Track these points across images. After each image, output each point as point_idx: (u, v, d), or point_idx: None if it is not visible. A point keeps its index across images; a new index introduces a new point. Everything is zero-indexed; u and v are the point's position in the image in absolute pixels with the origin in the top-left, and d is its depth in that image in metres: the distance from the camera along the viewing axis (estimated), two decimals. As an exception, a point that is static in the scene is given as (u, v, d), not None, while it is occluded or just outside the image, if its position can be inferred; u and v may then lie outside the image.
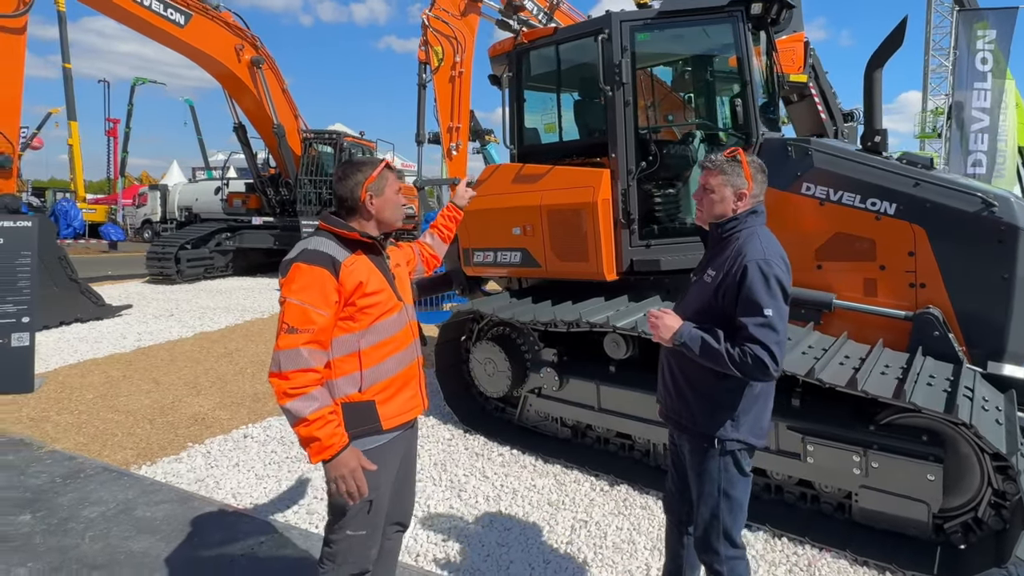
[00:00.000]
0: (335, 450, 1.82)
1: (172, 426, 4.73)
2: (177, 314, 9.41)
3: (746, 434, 2.02)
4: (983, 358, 3.36)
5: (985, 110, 11.32)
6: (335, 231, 1.99)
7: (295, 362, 1.80)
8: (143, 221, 25.44)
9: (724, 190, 2.06)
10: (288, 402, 1.80)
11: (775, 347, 1.84)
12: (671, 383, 2.16)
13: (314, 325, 1.83)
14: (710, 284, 2.03)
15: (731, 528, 2.06)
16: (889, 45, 3.82)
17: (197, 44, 11.36)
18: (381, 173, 2.06)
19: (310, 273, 1.87)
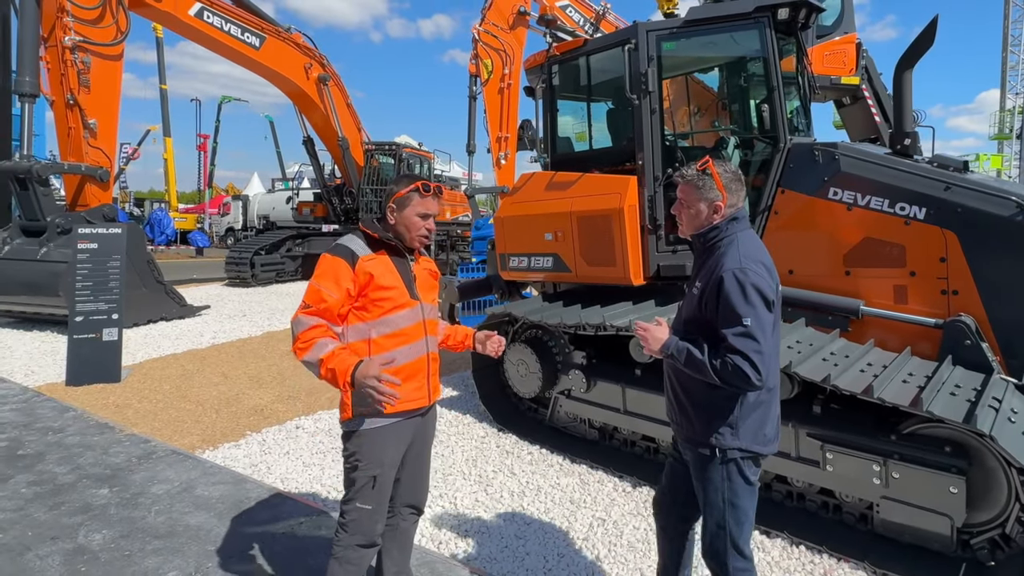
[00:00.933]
0: (351, 368, 1.97)
1: (235, 416, 5.08)
2: (249, 314, 10.01)
3: (748, 442, 1.97)
4: (1020, 369, 3.16)
5: (1061, 106, 10.40)
6: (364, 231, 2.25)
7: (301, 325, 2.05)
8: (227, 229, 27.12)
9: (699, 204, 2.05)
10: (304, 355, 2.03)
11: (755, 356, 1.80)
12: (672, 395, 2.15)
13: (323, 303, 2.07)
14: (696, 295, 2.02)
15: (738, 538, 2.01)
16: (920, 45, 3.64)
17: (271, 64, 12.06)
18: (407, 193, 2.22)
19: (331, 262, 2.14)
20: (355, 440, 2.19)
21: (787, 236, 3.96)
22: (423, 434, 2.39)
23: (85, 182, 8.97)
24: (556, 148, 5.11)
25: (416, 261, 2.33)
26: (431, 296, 2.37)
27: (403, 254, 2.25)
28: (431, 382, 2.32)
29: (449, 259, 14.95)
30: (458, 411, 5.17)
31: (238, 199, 26.19)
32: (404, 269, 2.24)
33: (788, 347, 3.30)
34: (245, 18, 11.36)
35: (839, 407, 3.19)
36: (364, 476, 2.17)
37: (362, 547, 2.21)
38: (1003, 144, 22.35)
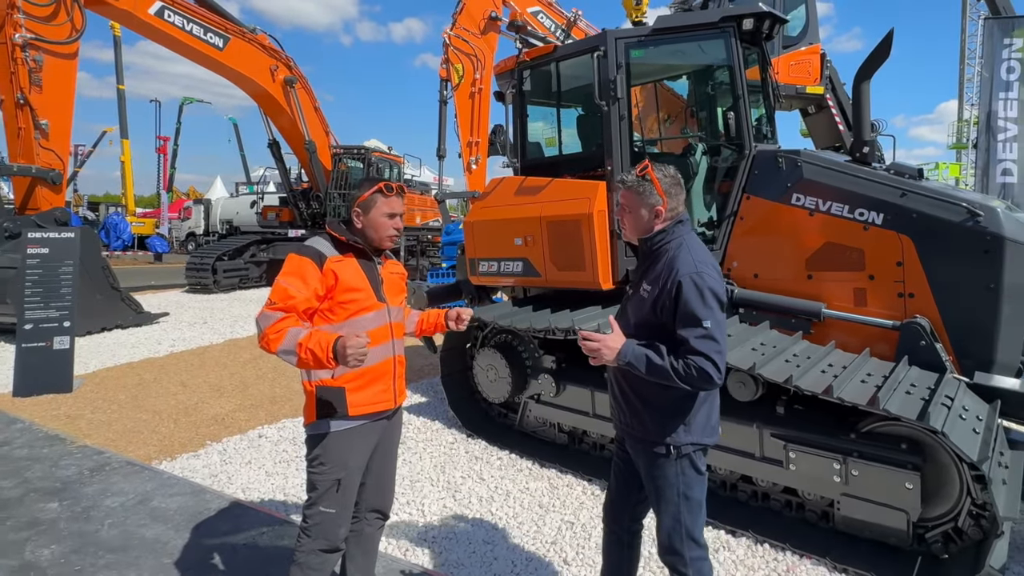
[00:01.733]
0: (331, 344, 1.95)
1: (194, 425, 4.97)
2: (211, 322, 9.80)
3: (699, 436, 2.06)
4: (972, 368, 3.32)
5: (1012, 120, 10.95)
6: (331, 233, 2.26)
7: (269, 319, 2.03)
8: (188, 234, 26.51)
9: (640, 209, 2.10)
10: (278, 345, 2.00)
11: (716, 356, 1.88)
12: (621, 398, 2.18)
13: (290, 300, 2.06)
14: (647, 299, 2.05)
15: (693, 528, 2.08)
16: (877, 57, 3.81)
17: (235, 66, 11.88)
18: (371, 195, 2.25)
19: (298, 262, 2.15)
20: (319, 443, 2.18)
21: (752, 241, 4.09)
22: (389, 438, 2.40)
23: (36, 184, 8.68)
24: (526, 153, 5.17)
25: (383, 264, 2.35)
26: (398, 299, 2.40)
27: (370, 257, 2.27)
28: (397, 385, 2.33)
29: (419, 264, 14.90)
30: (427, 417, 5.16)
31: (200, 203, 25.63)
32: (371, 272, 2.26)
33: (752, 349, 3.41)
34: (208, 18, 11.19)
35: (802, 407, 3.31)
36: (328, 479, 2.17)
37: (325, 552, 2.20)
38: (961, 153, 23.39)
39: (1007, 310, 3.24)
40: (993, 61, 11.20)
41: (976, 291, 3.29)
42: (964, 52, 25.01)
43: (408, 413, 5.26)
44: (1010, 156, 10.72)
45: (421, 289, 5.92)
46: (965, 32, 24.61)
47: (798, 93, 9.33)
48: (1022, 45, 11.23)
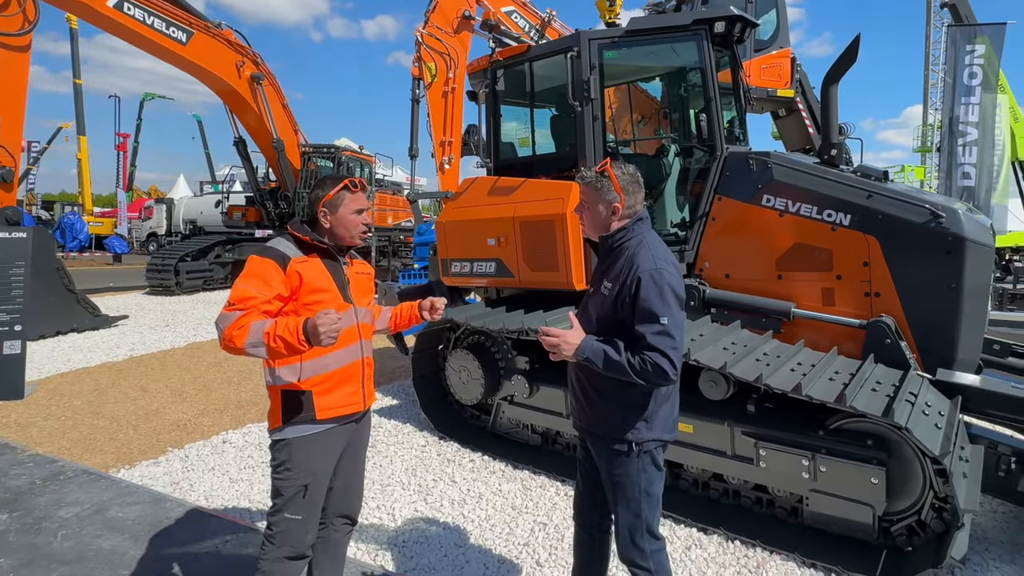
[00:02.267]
0: (300, 325, 1.92)
1: (155, 431, 4.84)
2: (172, 325, 9.57)
3: (660, 432, 2.09)
4: (935, 365, 3.44)
5: (974, 124, 11.41)
6: (295, 234, 2.21)
7: (228, 319, 1.97)
8: (149, 234, 25.84)
9: (598, 206, 2.13)
10: (244, 340, 1.93)
11: (672, 353, 1.91)
12: (582, 396, 2.20)
13: (250, 301, 2.01)
14: (608, 296, 2.08)
15: (652, 522, 2.12)
16: (844, 61, 3.93)
17: (199, 61, 11.63)
18: (337, 193, 2.21)
19: (259, 263, 2.10)
20: (285, 449, 2.15)
21: (724, 241, 4.17)
22: (357, 441, 2.37)
23: (-15, 182, 8.36)
24: (499, 153, 5.19)
25: (350, 265, 2.32)
26: (366, 300, 2.37)
27: (335, 257, 2.24)
28: (366, 387, 2.31)
29: (391, 265, 14.80)
30: (398, 420, 5.13)
31: (161, 202, 25.01)
32: (337, 272, 2.23)
33: (724, 348, 3.48)
34: (170, 11, 10.93)
35: (772, 406, 3.38)
36: (294, 485, 2.13)
37: (290, 559, 2.17)
38: (925, 156, 24.24)
39: (967, 309, 3.37)
40: (956, 67, 11.66)
41: (938, 290, 3.42)
42: (929, 58, 25.92)
43: (379, 416, 5.22)
44: (970, 160, 11.16)
45: (392, 290, 5.89)
46: (929, 39, 25.52)
47: (769, 96, 9.55)
48: (983, 52, 11.72)
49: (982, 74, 11.39)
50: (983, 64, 11.44)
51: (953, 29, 12.45)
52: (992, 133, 11.40)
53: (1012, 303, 10.73)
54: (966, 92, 11.43)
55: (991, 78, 11.51)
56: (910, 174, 21.21)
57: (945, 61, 12.29)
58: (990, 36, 11.97)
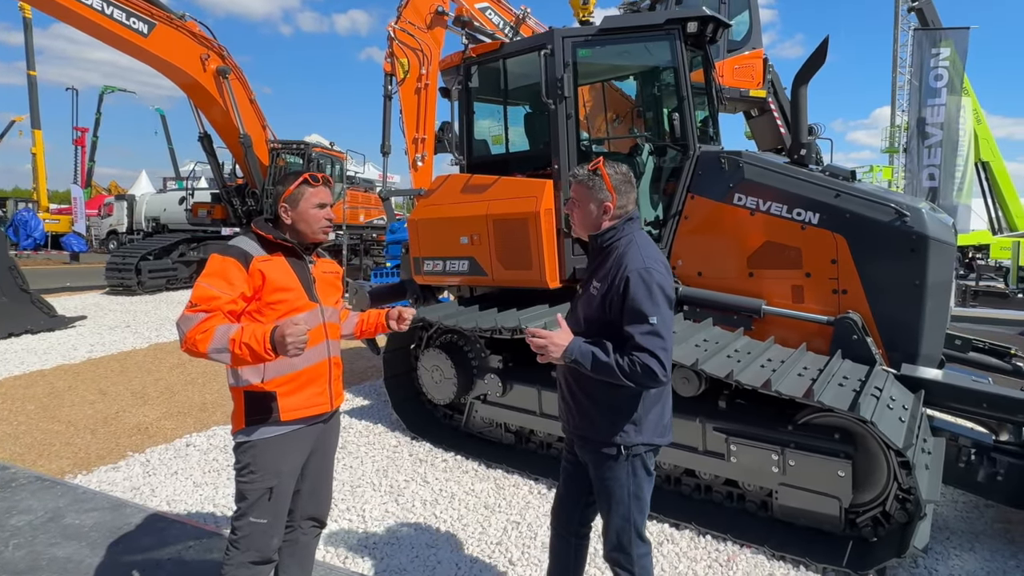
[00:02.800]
0: (268, 334, 1.89)
1: (114, 436, 4.72)
2: (133, 325, 9.33)
3: (650, 436, 2.09)
4: (899, 360, 3.55)
5: (939, 125, 11.82)
6: (257, 232, 2.17)
7: (189, 323, 1.93)
8: (109, 232, 25.12)
9: (589, 204, 2.13)
10: (208, 345, 1.90)
11: (662, 353, 1.91)
12: (571, 399, 2.19)
13: (213, 302, 1.97)
14: (596, 296, 2.08)
15: (640, 526, 2.14)
16: (813, 63, 4.03)
17: (161, 54, 11.37)
18: (297, 188, 2.18)
19: (221, 262, 2.06)
20: (250, 451, 2.11)
21: (696, 240, 4.25)
22: (325, 442, 2.35)
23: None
24: (472, 151, 5.19)
25: (315, 263, 2.29)
26: (333, 299, 2.34)
27: (300, 256, 2.21)
28: (333, 387, 2.28)
29: (363, 264, 14.67)
30: (369, 420, 5.09)
31: (122, 199, 24.34)
32: (302, 271, 2.20)
33: (696, 345, 3.54)
34: (131, 1, 10.66)
35: (743, 401, 3.46)
36: (259, 488, 2.10)
37: (256, 564, 2.14)
38: (893, 157, 25.00)
39: (930, 305, 3.49)
40: (922, 70, 12.07)
41: (903, 287, 3.53)
42: (896, 60, 26.70)
43: (350, 417, 5.17)
44: (935, 161, 11.57)
45: (363, 289, 5.84)
46: (897, 42, 26.30)
47: (741, 96, 9.73)
48: (948, 55, 12.15)
49: (947, 77, 11.81)
50: (948, 67, 11.87)
51: (919, 33, 12.88)
52: (956, 134, 11.83)
53: (975, 300, 11.13)
54: (932, 94, 11.84)
55: (956, 81, 11.94)
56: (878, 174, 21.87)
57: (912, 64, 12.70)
58: (955, 40, 12.41)
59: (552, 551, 2.41)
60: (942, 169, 11.58)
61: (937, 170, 11.55)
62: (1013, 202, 15.27)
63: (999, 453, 3.15)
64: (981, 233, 14.71)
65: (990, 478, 3.12)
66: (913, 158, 11.88)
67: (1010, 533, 3.29)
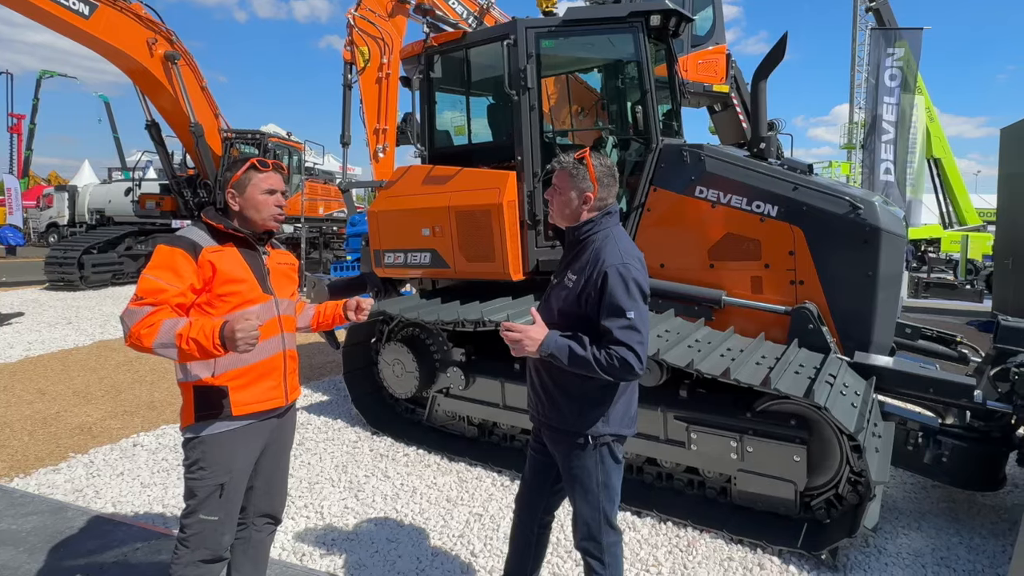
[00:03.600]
0: (217, 329, 1.85)
1: (54, 437, 4.55)
2: (76, 322, 8.99)
3: (616, 427, 2.14)
4: (852, 349, 3.70)
5: (893, 123, 12.32)
6: (207, 222, 2.12)
7: (133, 317, 1.88)
8: (49, 224, 24.06)
9: (570, 192, 2.15)
10: (153, 339, 1.85)
11: (639, 347, 1.96)
12: (541, 389, 2.23)
13: (160, 295, 1.92)
14: (572, 288, 2.11)
15: (611, 514, 2.19)
16: (772, 58, 4.15)
17: (104, 37, 10.94)
18: (245, 173, 2.13)
19: (168, 253, 2.00)
20: (199, 447, 2.07)
21: (659, 232, 4.33)
22: (279, 438, 2.31)
23: None
24: (434, 142, 5.16)
25: (269, 254, 2.25)
26: (288, 291, 2.30)
27: (253, 246, 2.17)
28: (288, 381, 2.25)
29: (323, 257, 14.45)
30: (328, 416, 5.03)
31: (63, 190, 23.33)
32: (255, 262, 2.15)
33: (658, 336, 3.62)
34: (72, -20, 10.23)
35: (704, 390, 3.55)
36: (209, 485, 2.06)
37: (206, 562, 2.10)
38: (851, 153, 25.92)
39: (882, 295, 3.65)
40: (878, 68, 12.54)
41: (857, 278, 3.68)
42: (855, 59, 27.61)
43: (308, 413, 5.11)
44: (890, 156, 12.07)
45: (322, 282, 5.76)
46: (855, 40, 27.20)
47: (705, 91, 9.93)
48: (903, 55, 12.65)
49: (901, 75, 12.31)
50: (902, 66, 12.37)
51: (876, 32, 13.38)
52: (909, 131, 12.35)
53: (926, 291, 11.66)
54: (887, 92, 12.32)
55: (909, 80, 12.45)
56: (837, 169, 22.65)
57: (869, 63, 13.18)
58: (909, 40, 12.94)
59: (513, 539, 2.44)
60: (896, 165, 12.09)
61: (892, 165, 12.05)
62: (963, 197, 16.02)
63: (945, 436, 3.34)
64: (932, 227, 15.40)
65: (936, 460, 3.29)
66: (869, 154, 12.35)
67: (954, 512, 3.48)
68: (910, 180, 12.46)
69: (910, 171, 12.52)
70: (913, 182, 12.39)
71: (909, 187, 12.28)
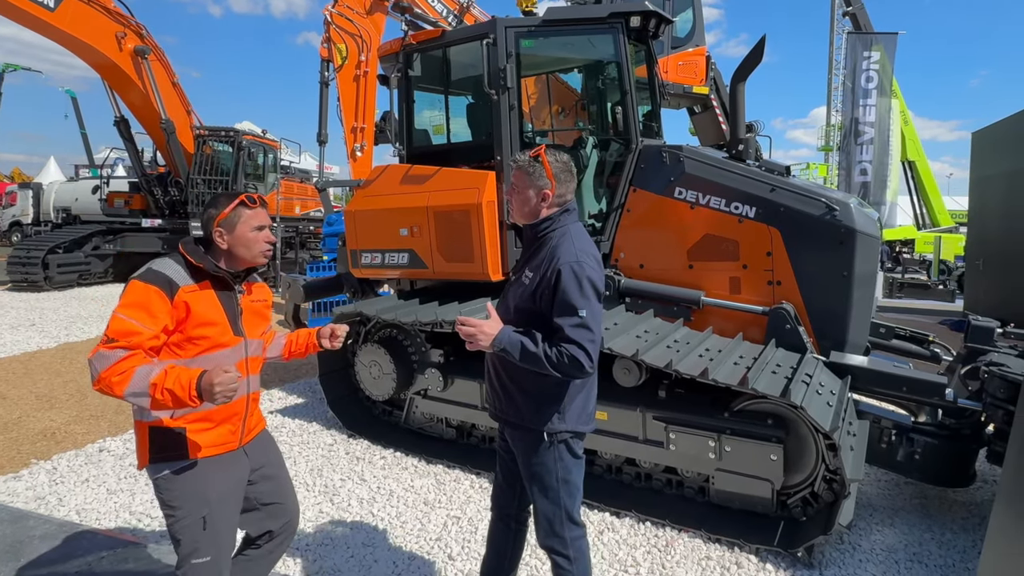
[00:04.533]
0: (194, 384, 1.80)
1: (15, 442, 4.43)
2: (39, 324, 8.77)
3: (573, 423, 2.16)
4: (828, 348, 3.78)
5: (870, 124, 12.60)
6: (186, 257, 2.03)
7: (104, 361, 1.80)
8: (12, 223, 23.44)
9: (527, 191, 2.16)
10: (125, 388, 1.79)
11: (590, 346, 1.98)
12: (498, 384, 2.25)
13: (134, 338, 1.84)
14: (528, 286, 2.12)
15: (572, 509, 2.20)
16: (750, 61, 4.22)
17: (70, 30, 10.67)
18: (234, 210, 2.07)
19: (143, 291, 1.91)
20: (165, 484, 1.99)
21: (638, 232, 4.37)
22: (266, 462, 2.26)
23: None
24: (412, 141, 5.14)
25: (246, 292, 2.19)
26: (259, 330, 2.25)
27: (231, 286, 2.10)
28: (247, 423, 2.18)
29: (298, 257, 14.29)
30: (303, 419, 4.98)
31: (27, 187, 22.75)
32: (229, 303, 2.09)
33: (637, 336, 3.65)
34: (35, -30, 9.97)
35: (682, 390, 3.59)
36: (190, 523, 1.98)
37: None
38: (828, 155, 26.43)
39: (857, 295, 3.73)
40: (855, 72, 12.82)
41: (832, 279, 3.76)
42: (832, 62, 28.10)
43: (283, 416, 5.05)
44: (867, 158, 12.34)
45: (298, 283, 5.71)
46: (832, 44, 27.67)
47: (685, 92, 10.04)
48: (879, 59, 12.95)
49: (877, 79, 12.60)
50: (878, 70, 12.67)
51: (852, 36, 13.68)
52: (886, 134, 12.64)
53: (901, 291, 11.93)
54: (864, 95, 12.61)
55: (885, 83, 12.75)
56: (815, 171, 23.07)
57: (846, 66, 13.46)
58: (885, 44, 13.25)
59: (490, 536, 2.46)
60: (873, 167, 12.37)
61: (868, 166, 12.33)
62: (936, 199, 16.43)
63: (917, 434, 3.42)
64: (907, 228, 15.77)
65: (909, 457, 3.37)
66: (846, 156, 12.62)
67: (926, 508, 3.57)
68: (887, 182, 12.74)
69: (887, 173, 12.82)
70: (889, 184, 12.67)
71: (886, 189, 12.57)
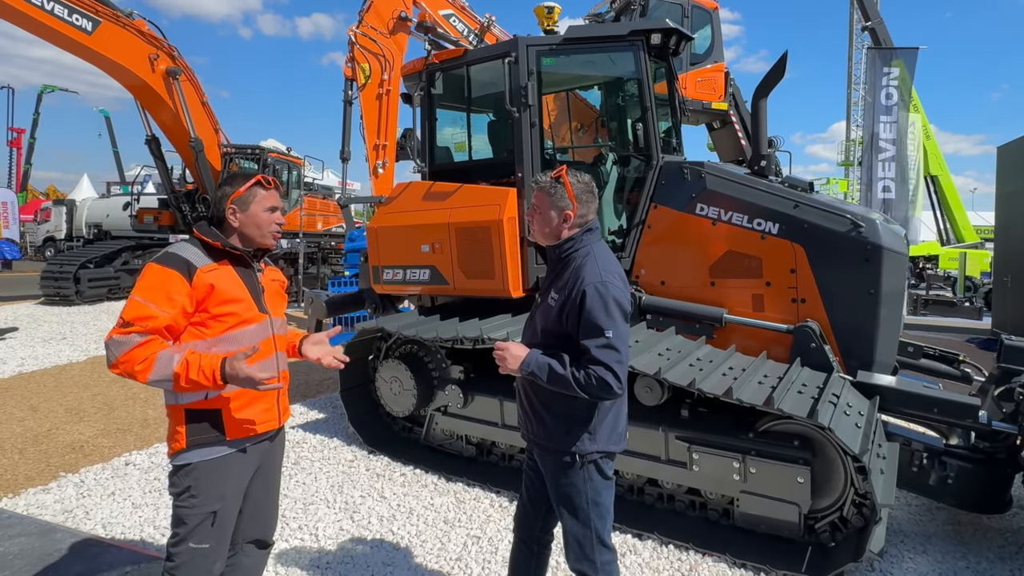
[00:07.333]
0: (218, 372, 1.81)
1: (44, 455, 4.49)
2: (71, 337, 8.93)
3: (604, 444, 2.13)
4: (855, 368, 3.68)
5: (891, 140, 12.41)
6: (202, 238, 2.06)
7: (120, 347, 1.81)
8: (46, 239, 24.09)
9: (549, 211, 2.15)
10: (149, 375, 1.81)
11: (617, 367, 1.95)
12: (528, 408, 2.23)
13: (150, 322, 1.85)
14: (554, 307, 2.10)
15: (603, 532, 2.15)
16: (772, 76, 4.18)
17: (106, 53, 11.01)
18: (249, 189, 2.09)
19: (160, 274, 1.92)
20: (191, 474, 2.00)
21: (659, 249, 4.32)
22: (270, 460, 2.25)
23: None
24: (434, 158, 5.17)
25: (263, 271, 2.21)
26: (281, 309, 2.27)
27: (249, 264, 2.12)
28: (281, 402, 2.20)
29: (320, 272, 14.42)
30: (324, 435, 4.98)
31: (61, 204, 23.37)
32: (251, 280, 2.11)
33: (659, 355, 3.59)
34: (75, -4, 10.31)
35: (705, 410, 3.52)
36: (201, 513, 2.00)
37: None
38: (849, 170, 26.13)
39: (884, 313, 3.63)
40: (875, 87, 12.66)
41: (858, 296, 3.66)
42: (851, 77, 27.90)
43: (304, 431, 5.05)
44: (889, 174, 12.15)
45: (319, 298, 5.74)
46: (851, 59, 27.51)
47: (704, 108, 10.01)
48: (899, 74, 12.78)
49: (898, 94, 12.43)
50: (898, 85, 12.50)
51: (872, 51, 13.53)
52: (907, 149, 12.44)
53: (925, 308, 11.66)
54: (884, 111, 12.43)
55: (906, 98, 12.57)
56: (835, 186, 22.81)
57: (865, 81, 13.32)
58: (905, 59, 13.08)
59: (512, 559, 2.41)
60: (896, 182, 12.16)
61: (892, 183, 12.13)
62: (960, 214, 16.11)
63: (949, 457, 3.29)
64: (930, 244, 15.46)
65: (941, 481, 3.25)
66: (867, 172, 12.44)
67: (960, 535, 3.43)
68: (909, 197, 12.52)
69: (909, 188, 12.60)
70: (912, 199, 12.45)
71: (908, 204, 12.34)
